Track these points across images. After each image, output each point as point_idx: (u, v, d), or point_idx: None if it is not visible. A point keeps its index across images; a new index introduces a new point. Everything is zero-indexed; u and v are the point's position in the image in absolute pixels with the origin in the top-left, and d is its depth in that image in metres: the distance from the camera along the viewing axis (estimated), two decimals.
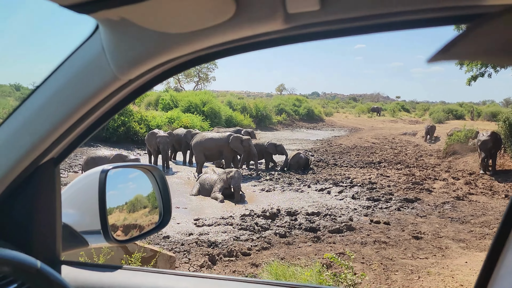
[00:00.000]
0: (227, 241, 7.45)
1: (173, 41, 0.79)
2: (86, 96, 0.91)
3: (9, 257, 0.67)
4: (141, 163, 1.51)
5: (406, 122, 40.70)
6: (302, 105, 40.10)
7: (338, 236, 7.77)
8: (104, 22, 0.81)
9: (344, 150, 20.41)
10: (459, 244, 7.33)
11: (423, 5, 0.67)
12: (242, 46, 0.84)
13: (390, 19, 0.72)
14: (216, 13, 0.72)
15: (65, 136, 0.99)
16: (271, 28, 0.76)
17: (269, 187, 12.07)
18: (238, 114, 29.60)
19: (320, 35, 0.79)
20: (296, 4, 0.70)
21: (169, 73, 0.92)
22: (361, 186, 12.27)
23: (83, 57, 0.89)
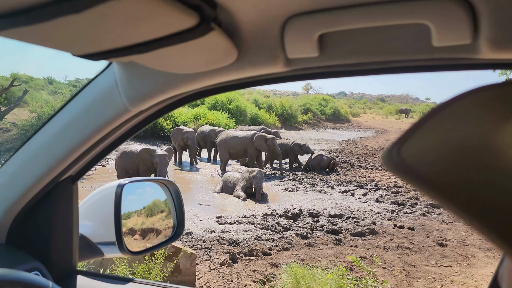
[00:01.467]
0: (248, 240, 7.50)
1: (180, 80, 0.85)
2: (100, 124, 0.98)
3: (21, 279, 0.72)
4: (156, 178, 1.56)
5: None
6: (328, 104, 39.74)
7: (360, 239, 7.70)
8: (116, 62, 0.87)
9: (370, 152, 20.14)
10: (485, 253, 7.13)
11: (412, 56, 0.72)
12: (245, 84, 0.90)
13: (385, 65, 0.77)
14: (219, 59, 0.77)
15: (82, 157, 1.07)
16: (272, 71, 0.80)
17: (292, 187, 12.06)
18: (264, 112, 29.59)
19: (319, 75, 0.84)
20: (296, 51, 0.74)
21: (176, 104, 0.99)
22: (386, 189, 12.09)
23: (98, 89, 0.97)
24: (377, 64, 0.76)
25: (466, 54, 0.70)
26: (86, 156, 1.08)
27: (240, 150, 14.02)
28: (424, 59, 0.73)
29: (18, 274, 0.72)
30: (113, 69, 0.92)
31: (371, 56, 0.74)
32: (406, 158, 0.35)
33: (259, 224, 8.38)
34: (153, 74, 0.86)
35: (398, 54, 0.72)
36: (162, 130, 19.66)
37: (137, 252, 1.34)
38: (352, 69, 0.79)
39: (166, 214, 1.43)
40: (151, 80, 0.87)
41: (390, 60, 0.74)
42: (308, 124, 34.10)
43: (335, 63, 0.77)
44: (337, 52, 0.74)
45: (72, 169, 1.11)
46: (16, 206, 1.10)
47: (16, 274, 0.72)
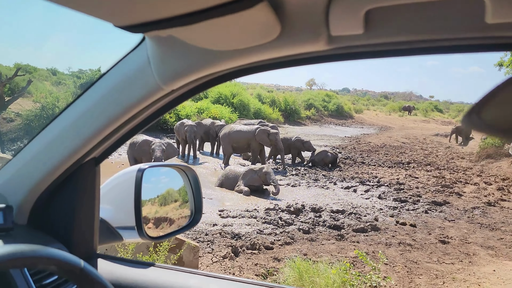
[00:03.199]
0: (250, 233, 7.52)
1: (217, 57, 0.82)
2: (129, 103, 0.96)
3: (55, 256, 0.72)
4: (175, 163, 1.56)
5: (438, 122, 39.67)
6: (331, 101, 39.63)
7: (362, 235, 7.71)
8: (151, 37, 0.84)
9: (373, 148, 20.11)
10: (487, 251, 7.13)
11: (462, 34, 0.69)
12: (284, 63, 0.86)
13: (432, 44, 0.73)
14: (261, 35, 0.74)
15: (108, 138, 1.05)
16: (314, 49, 0.77)
17: (294, 182, 12.06)
18: (267, 107, 29.54)
19: (362, 55, 0.80)
20: (341, 27, 0.71)
21: (210, 84, 0.96)
22: (388, 186, 12.09)
23: (129, 66, 0.94)
24: (423, 43, 0.73)
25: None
26: (112, 138, 1.06)
27: (243, 144, 14.02)
28: (475, 38, 0.70)
29: (52, 251, 0.72)
30: (145, 45, 0.90)
31: (418, 34, 0.70)
32: (486, 118, 0.43)
33: (261, 218, 8.40)
34: (189, 51, 0.83)
35: (446, 31, 0.69)
36: (166, 123, 19.67)
37: (156, 237, 1.34)
38: (397, 48, 0.76)
39: (184, 200, 1.43)
40: (186, 57, 0.84)
41: (438, 39, 0.71)
42: (311, 119, 34.04)
43: (380, 41, 0.73)
44: (382, 30, 0.71)
45: (96, 150, 1.09)
46: (39, 187, 1.09)
47: (49, 251, 0.72)
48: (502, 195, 11.80)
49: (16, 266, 0.68)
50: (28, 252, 0.69)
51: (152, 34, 0.77)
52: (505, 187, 12.64)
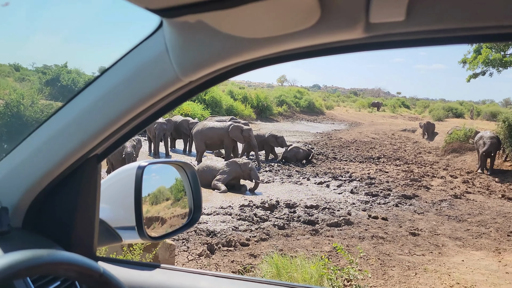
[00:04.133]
0: (225, 230, 7.50)
1: (246, 45, 0.77)
2: (142, 95, 0.89)
3: (76, 261, 0.67)
4: (175, 160, 1.51)
5: (406, 118, 40.73)
6: (303, 97, 39.99)
7: (336, 230, 7.83)
8: (172, 22, 0.78)
9: (344, 144, 20.45)
10: (455, 242, 7.39)
11: (506, 21, 0.66)
12: (317, 52, 0.81)
13: (476, 32, 0.70)
14: (300, 20, 0.70)
15: (115, 133, 0.98)
16: (349, 37, 0.74)
17: (268, 178, 12.12)
18: (239, 104, 29.52)
19: (399, 44, 0.76)
20: (381, 14, 0.67)
21: (230, 74, 0.90)
22: (360, 180, 12.33)
23: (143, 55, 0.87)
24: (468, 31, 0.69)
25: None
26: (119, 132, 0.99)
27: (216, 141, 13.95)
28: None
29: (71, 256, 0.68)
30: (162, 33, 0.83)
31: (461, 22, 0.67)
32: None
33: (236, 215, 8.39)
34: (216, 38, 0.77)
35: (493, 19, 0.66)
36: None
37: (156, 237, 1.30)
38: (437, 37, 0.72)
39: (183, 198, 1.40)
40: (212, 45, 0.78)
41: (484, 27, 0.68)
42: (283, 116, 34.26)
43: (420, 29, 0.70)
44: (424, 17, 0.67)
45: (101, 146, 1.01)
46: (36, 186, 1.02)
47: (69, 256, 0.67)
48: (467, 187, 12.26)
49: (34, 273, 0.63)
50: (47, 258, 0.64)
51: (181, 19, 0.72)
52: (470, 180, 13.14)
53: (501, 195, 11.64)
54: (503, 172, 14.27)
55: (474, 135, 16.19)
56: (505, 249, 6.99)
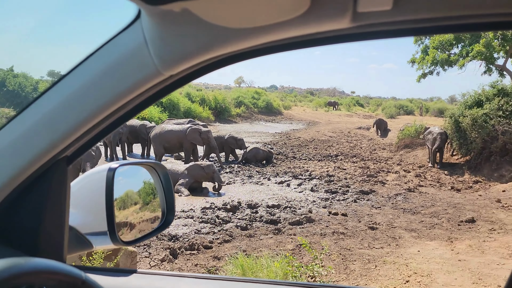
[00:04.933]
0: (188, 234, 7.42)
1: (232, 35, 0.74)
2: (119, 91, 0.83)
3: (58, 269, 0.64)
4: (146, 160, 1.45)
5: (360, 116, 41.97)
6: (261, 98, 40.27)
7: (298, 228, 7.94)
8: (152, 12, 0.74)
9: (303, 143, 20.78)
10: (411, 233, 7.71)
11: (494, 10, 0.67)
12: (305, 42, 0.79)
13: (463, 21, 0.70)
14: (289, 9, 0.68)
15: (87, 133, 0.91)
16: (337, 26, 0.73)
17: (229, 179, 12.10)
18: (197, 106, 29.30)
19: (385, 34, 0.76)
20: (368, 3, 0.67)
21: (214, 66, 0.85)
22: (319, 178, 12.58)
23: (118, 48, 0.82)
24: (453, 20, 0.70)
25: None
26: (92, 132, 0.92)
27: (175, 144, 13.76)
28: (505, 14, 0.68)
29: (52, 263, 0.64)
30: (140, 24, 0.78)
31: (447, 10, 0.67)
32: None
33: (198, 218, 8.32)
34: (200, 29, 0.73)
35: (479, 7, 0.66)
36: None
37: (129, 242, 1.25)
38: (423, 26, 0.72)
39: (156, 199, 1.36)
40: (196, 36, 0.74)
41: (469, 15, 0.68)
42: (242, 117, 34.34)
43: (407, 18, 0.70)
44: (411, 5, 0.67)
45: (72, 147, 0.94)
46: (0, 192, 0.93)
47: (50, 264, 0.63)
48: (420, 181, 12.83)
49: (14, 284, 0.58)
50: (26, 266, 0.60)
51: (165, 7, 0.69)
52: (422, 174, 13.75)
53: (451, 187, 12.27)
54: (452, 165, 15.06)
55: (424, 131, 16.96)
56: (457, 238, 7.38)
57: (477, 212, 9.18)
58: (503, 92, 14.50)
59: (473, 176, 13.52)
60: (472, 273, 5.58)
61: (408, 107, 43.28)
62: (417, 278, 5.51)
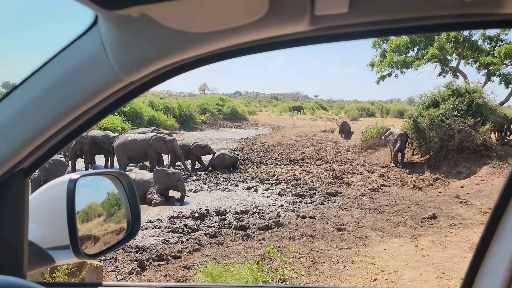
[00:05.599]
0: (156, 245, 7.27)
1: (193, 40, 0.74)
2: (78, 99, 0.81)
3: (14, 285, 0.60)
4: (109, 170, 1.41)
5: (324, 120, 42.71)
6: (225, 104, 40.24)
7: (267, 232, 7.96)
8: (110, 17, 0.72)
9: (269, 148, 20.90)
10: (377, 232, 7.90)
11: (446, 11, 0.71)
12: (264, 46, 0.80)
13: (415, 23, 0.74)
14: (248, 13, 0.69)
15: (46, 143, 0.88)
16: (296, 29, 0.74)
17: (196, 187, 11.98)
18: (161, 114, 28.91)
19: (343, 36, 0.78)
20: (325, 6, 0.69)
21: (176, 71, 0.84)
22: (286, 182, 12.67)
23: (77, 55, 0.80)
24: (405, 22, 0.73)
25: (494, 9, 0.70)
26: (49, 143, 0.88)
27: (139, 153, 13.49)
28: (453, 15, 0.72)
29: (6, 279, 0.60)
30: (98, 30, 0.76)
31: (400, 13, 0.70)
32: None
33: (165, 227, 8.18)
34: (158, 33, 0.72)
35: (428, 9, 0.70)
36: None
37: (94, 255, 1.21)
38: (379, 28, 0.75)
39: (120, 209, 1.32)
40: (154, 41, 0.73)
41: (419, 17, 0.72)
42: (207, 124, 34.18)
43: (362, 20, 0.72)
44: (366, 8, 0.70)
45: (28, 159, 0.90)
46: None
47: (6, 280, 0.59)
48: (383, 181, 13.18)
49: None
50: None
51: (123, 12, 0.67)
52: (385, 174, 14.14)
53: (412, 185, 12.69)
54: (413, 164, 15.58)
55: (385, 132, 17.47)
56: (420, 234, 7.62)
57: (438, 208, 9.53)
58: (457, 93, 15.18)
59: (433, 174, 14.04)
60: (436, 268, 5.78)
61: (369, 109, 44.51)
62: (384, 275, 5.64)
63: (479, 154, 13.85)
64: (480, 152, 13.85)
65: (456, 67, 19.48)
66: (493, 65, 18.60)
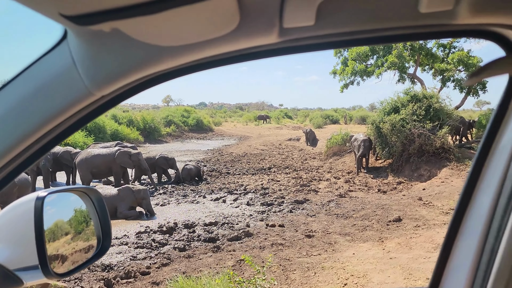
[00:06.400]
0: (123, 262, 7.07)
1: (164, 54, 0.74)
2: (47, 115, 0.79)
3: None
4: (77, 186, 1.37)
5: (290, 128, 43.20)
6: (190, 115, 39.95)
7: (237, 243, 7.91)
8: (81, 32, 0.71)
9: (235, 158, 20.87)
10: (345, 237, 8.02)
11: (404, 23, 0.76)
12: (235, 58, 0.83)
13: (376, 34, 0.79)
14: (219, 26, 0.70)
15: (13, 161, 0.85)
16: (265, 42, 0.76)
17: (163, 201, 11.77)
18: (125, 127, 28.31)
19: (310, 47, 0.82)
20: (293, 19, 0.72)
21: (148, 84, 0.84)
22: (254, 192, 12.67)
23: (45, 71, 0.78)
24: (367, 33, 0.78)
25: (447, 20, 0.76)
26: (18, 159, 0.85)
27: (103, 168, 13.11)
28: (411, 27, 0.77)
29: None
30: (67, 45, 0.75)
31: (362, 24, 0.75)
32: None
33: (133, 243, 7.97)
34: (129, 48, 0.72)
35: (388, 21, 0.75)
36: None
37: (64, 274, 1.15)
38: (343, 39, 0.79)
39: (90, 227, 1.27)
40: (125, 55, 0.73)
41: (380, 28, 0.77)
42: (172, 136, 33.76)
43: (328, 32, 0.76)
44: (331, 21, 0.74)
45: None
46: None
47: None
48: (349, 186, 13.44)
49: None
50: None
51: (95, 27, 0.66)
52: (351, 180, 14.43)
53: (377, 189, 13.01)
54: (377, 169, 16.00)
55: (350, 139, 17.87)
56: (386, 237, 7.80)
57: (403, 211, 9.81)
58: (416, 98, 15.78)
59: (396, 177, 14.46)
60: (403, 269, 5.92)
61: (333, 116, 45.48)
62: (354, 280, 5.72)
63: (438, 157, 14.41)
64: (439, 155, 14.42)
65: (413, 74, 20.25)
66: (447, 71, 19.47)
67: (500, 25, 0.80)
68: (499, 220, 0.94)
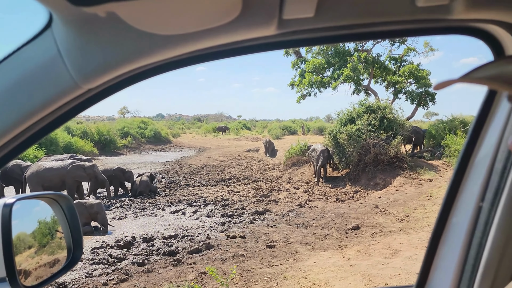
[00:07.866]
0: (77, 279, 6.74)
1: (159, 43, 0.70)
2: (28, 109, 0.73)
3: None
4: (47, 192, 1.27)
5: (248, 139, 43.31)
6: (148, 127, 39.15)
7: (198, 256, 7.78)
8: (69, 19, 0.66)
9: (195, 170, 20.63)
10: (306, 247, 8.09)
11: (402, 17, 0.76)
12: (230, 51, 0.80)
13: (378, 28, 0.78)
14: (220, 15, 0.67)
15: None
16: (264, 33, 0.75)
17: (120, 214, 11.39)
18: (78, 139, 27.28)
19: (308, 41, 0.81)
20: (293, 10, 0.70)
21: (139, 77, 0.80)
22: (214, 203, 12.56)
23: (27, 61, 0.72)
24: (366, 27, 0.77)
25: (443, 15, 0.76)
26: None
27: (56, 182, 12.50)
28: (408, 21, 0.77)
29: None
30: (51, 33, 0.69)
31: (361, 18, 0.74)
32: None
33: (88, 260, 7.63)
34: (124, 36, 0.68)
35: (386, 15, 0.75)
36: None
37: (33, 286, 1.07)
38: (343, 33, 0.78)
39: (60, 235, 1.19)
40: (119, 44, 0.68)
41: (378, 22, 0.76)
42: (129, 148, 32.90)
43: (328, 25, 0.75)
44: (330, 13, 0.73)
45: None
46: None
47: None
48: (309, 196, 13.63)
49: None
50: None
51: (89, 9, 0.62)
52: (310, 189, 14.64)
53: (336, 198, 13.28)
54: (335, 178, 16.35)
55: (308, 149, 18.16)
56: (346, 245, 7.95)
57: (360, 219, 10.05)
58: (370, 109, 16.35)
59: (354, 186, 14.83)
60: (363, 276, 6.04)
61: (291, 127, 46.11)
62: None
63: (392, 165, 14.95)
64: (394, 163, 14.97)
65: (367, 86, 21.00)
66: (399, 83, 20.36)
67: (494, 21, 0.83)
68: (486, 215, 0.98)
